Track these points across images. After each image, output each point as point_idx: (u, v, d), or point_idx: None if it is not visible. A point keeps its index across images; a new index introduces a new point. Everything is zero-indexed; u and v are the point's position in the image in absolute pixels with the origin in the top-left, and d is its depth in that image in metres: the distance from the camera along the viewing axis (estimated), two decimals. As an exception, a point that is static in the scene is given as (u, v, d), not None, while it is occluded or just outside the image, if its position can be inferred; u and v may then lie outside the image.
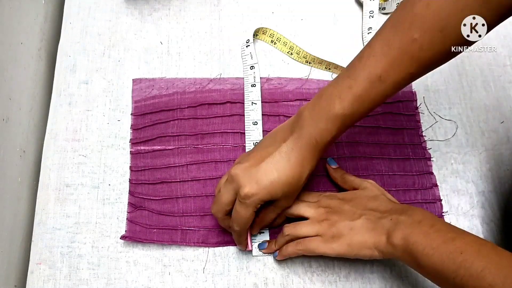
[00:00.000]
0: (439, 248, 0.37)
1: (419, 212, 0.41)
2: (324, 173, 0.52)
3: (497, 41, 0.60)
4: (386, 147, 0.54)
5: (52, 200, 0.51)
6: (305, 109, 0.43)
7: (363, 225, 0.43)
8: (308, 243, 0.44)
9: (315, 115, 0.42)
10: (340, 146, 0.54)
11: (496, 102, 0.58)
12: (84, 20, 0.59)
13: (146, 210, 0.50)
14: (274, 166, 0.42)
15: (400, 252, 0.40)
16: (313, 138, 0.42)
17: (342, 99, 0.41)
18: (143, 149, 0.53)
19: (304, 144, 0.42)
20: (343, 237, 0.43)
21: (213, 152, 0.53)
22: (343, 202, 0.46)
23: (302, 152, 0.42)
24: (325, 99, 0.42)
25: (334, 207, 0.45)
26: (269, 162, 0.42)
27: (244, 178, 0.42)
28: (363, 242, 0.42)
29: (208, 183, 0.51)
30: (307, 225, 0.45)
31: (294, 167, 0.42)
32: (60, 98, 0.55)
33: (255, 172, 0.42)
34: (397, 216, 0.42)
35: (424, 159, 0.54)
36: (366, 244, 0.42)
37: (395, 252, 0.40)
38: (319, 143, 0.42)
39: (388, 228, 0.41)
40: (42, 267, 0.48)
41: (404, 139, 0.55)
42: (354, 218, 0.44)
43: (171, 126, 0.54)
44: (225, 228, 0.48)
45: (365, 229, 0.43)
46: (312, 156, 0.43)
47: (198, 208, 0.50)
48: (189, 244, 0.49)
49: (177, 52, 0.59)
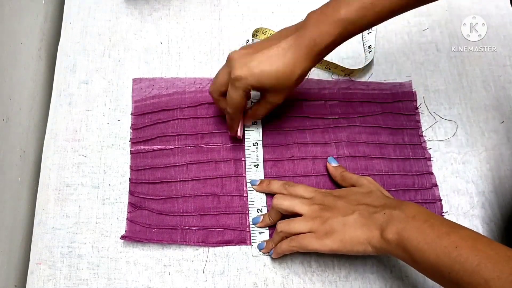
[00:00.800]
0: (433, 243, 0.37)
1: (412, 207, 0.41)
2: (325, 172, 0.52)
3: (497, 41, 0.60)
4: (386, 147, 0.54)
5: (52, 200, 0.51)
6: (312, 12, 0.45)
7: (356, 221, 0.43)
8: (301, 239, 0.44)
9: (320, 18, 0.44)
10: (340, 146, 0.54)
11: (496, 102, 0.58)
12: (84, 20, 0.59)
13: (146, 210, 0.50)
14: (268, 58, 0.44)
15: (394, 247, 0.40)
16: (313, 39, 0.43)
17: (349, 5, 0.42)
18: (143, 148, 0.53)
19: (302, 44, 0.44)
20: (336, 233, 0.43)
21: (213, 152, 0.53)
22: (337, 199, 0.46)
23: (298, 51, 0.44)
24: (333, 4, 0.44)
25: (328, 204, 0.45)
26: (265, 53, 0.45)
27: (239, 62, 0.45)
28: (355, 238, 0.42)
29: (208, 183, 0.51)
30: (300, 222, 0.45)
31: (287, 63, 0.44)
32: (60, 98, 0.55)
33: (250, 59, 0.45)
34: (390, 210, 0.41)
35: (424, 159, 0.54)
36: (359, 239, 0.42)
37: (388, 248, 0.40)
38: (317, 45, 0.43)
39: (381, 223, 0.41)
40: (42, 267, 0.48)
41: (404, 139, 0.55)
42: (347, 213, 0.43)
43: (171, 125, 0.54)
44: (221, 111, 0.51)
45: (358, 225, 0.42)
46: (307, 57, 0.44)
47: (198, 208, 0.50)
48: (189, 243, 0.49)
49: (177, 52, 0.59)
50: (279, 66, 0.44)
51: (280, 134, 0.54)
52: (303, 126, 0.54)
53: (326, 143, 0.54)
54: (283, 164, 0.53)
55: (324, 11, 0.44)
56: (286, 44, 0.44)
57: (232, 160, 0.52)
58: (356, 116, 0.55)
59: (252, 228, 0.50)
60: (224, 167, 0.52)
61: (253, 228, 0.50)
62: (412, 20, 0.61)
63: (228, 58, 0.46)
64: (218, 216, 0.50)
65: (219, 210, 0.51)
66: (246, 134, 0.53)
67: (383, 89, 0.57)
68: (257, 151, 0.52)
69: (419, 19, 0.61)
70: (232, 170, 0.52)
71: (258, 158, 0.52)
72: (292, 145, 0.53)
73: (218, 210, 0.51)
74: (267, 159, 0.53)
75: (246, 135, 0.53)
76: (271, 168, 0.53)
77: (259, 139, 0.53)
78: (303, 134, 0.54)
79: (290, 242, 0.45)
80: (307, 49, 0.44)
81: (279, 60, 0.44)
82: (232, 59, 0.46)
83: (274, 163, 0.53)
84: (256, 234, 0.50)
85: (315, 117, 0.55)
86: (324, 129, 0.54)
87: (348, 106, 0.56)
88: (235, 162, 0.53)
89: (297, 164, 0.53)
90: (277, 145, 0.53)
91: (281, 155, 0.53)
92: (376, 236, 0.41)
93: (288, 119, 0.55)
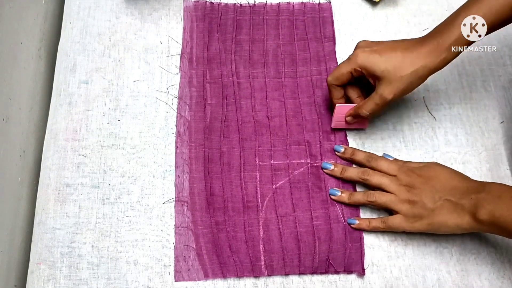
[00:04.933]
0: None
1: (496, 187, 0.45)
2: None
3: (497, 41, 0.60)
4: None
5: (52, 200, 0.51)
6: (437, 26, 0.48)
7: (444, 206, 0.46)
8: (391, 222, 0.48)
9: (445, 23, 0.47)
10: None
11: (496, 102, 0.58)
12: (84, 20, 0.59)
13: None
14: (391, 47, 0.47)
15: (487, 227, 0.44)
16: (437, 41, 0.46)
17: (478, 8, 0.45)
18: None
19: (427, 43, 0.46)
20: (424, 218, 0.47)
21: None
22: (422, 181, 0.48)
23: (422, 48, 0.46)
24: (458, 12, 0.47)
25: (414, 186, 0.48)
26: (390, 44, 0.48)
27: (362, 45, 0.49)
28: (444, 222, 0.46)
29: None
30: (392, 199, 0.48)
31: (407, 55, 0.46)
32: (60, 98, 0.55)
33: (374, 44, 0.49)
34: (476, 195, 0.45)
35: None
36: (447, 224, 0.46)
37: (481, 228, 0.45)
38: (441, 44, 0.46)
39: (470, 208, 0.44)
40: (42, 267, 0.48)
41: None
42: (435, 199, 0.46)
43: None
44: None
45: (446, 211, 0.46)
46: (429, 55, 0.46)
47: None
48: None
49: (177, 52, 0.59)
50: (398, 54, 0.47)
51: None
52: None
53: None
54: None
55: (448, 19, 0.47)
56: (413, 42, 0.48)
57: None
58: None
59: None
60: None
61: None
62: (412, 20, 0.62)
63: (356, 45, 0.50)
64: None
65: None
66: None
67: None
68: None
69: (419, 19, 0.61)
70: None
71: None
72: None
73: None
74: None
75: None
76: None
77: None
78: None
79: (381, 223, 0.49)
80: (429, 49, 0.46)
81: (400, 50, 0.47)
82: (358, 44, 0.50)
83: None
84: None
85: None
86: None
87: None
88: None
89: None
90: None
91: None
92: (466, 220, 0.45)
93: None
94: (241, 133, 0.54)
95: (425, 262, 0.50)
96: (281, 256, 0.48)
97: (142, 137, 0.54)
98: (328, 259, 0.48)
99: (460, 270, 0.49)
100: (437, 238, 0.50)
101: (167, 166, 0.53)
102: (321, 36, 0.60)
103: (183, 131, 0.54)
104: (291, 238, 0.49)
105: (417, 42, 0.47)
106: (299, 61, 0.58)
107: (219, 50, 0.58)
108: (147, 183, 0.52)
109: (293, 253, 0.49)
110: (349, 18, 0.61)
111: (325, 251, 0.49)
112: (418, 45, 0.47)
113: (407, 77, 0.46)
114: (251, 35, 0.59)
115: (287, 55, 0.58)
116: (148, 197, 0.51)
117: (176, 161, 0.53)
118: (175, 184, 0.52)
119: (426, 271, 0.49)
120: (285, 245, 0.49)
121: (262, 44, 0.59)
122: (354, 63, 0.48)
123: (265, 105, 0.55)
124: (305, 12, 0.60)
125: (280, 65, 0.58)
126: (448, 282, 0.49)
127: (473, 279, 0.49)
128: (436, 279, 0.49)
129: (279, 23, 0.60)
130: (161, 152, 0.53)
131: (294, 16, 0.60)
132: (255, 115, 0.55)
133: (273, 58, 0.58)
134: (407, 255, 0.50)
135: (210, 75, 0.57)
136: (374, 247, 0.50)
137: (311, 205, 0.51)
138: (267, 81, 0.57)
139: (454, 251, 0.50)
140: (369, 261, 0.49)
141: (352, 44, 0.59)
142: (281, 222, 0.50)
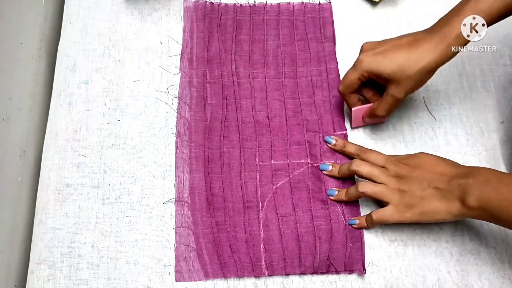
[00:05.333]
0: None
1: (483, 172, 0.44)
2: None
3: (497, 41, 0.60)
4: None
5: (52, 200, 0.51)
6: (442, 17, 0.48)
7: (433, 194, 0.45)
8: (381, 214, 0.48)
9: (450, 16, 0.47)
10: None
11: (496, 102, 0.58)
12: (84, 20, 0.59)
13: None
14: (395, 46, 0.47)
15: (477, 212, 0.43)
16: (443, 33, 0.45)
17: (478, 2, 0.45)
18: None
19: (432, 37, 0.46)
20: (415, 207, 0.46)
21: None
22: (410, 170, 0.47)
23: (427, 43, 0.46)
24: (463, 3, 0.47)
25: (402, 175, 0.48)
26: (393, 42, 0.48)
27: (367, 48, 0.49)
28: (434, 209, 0.45)
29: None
30: (380, 187, 0.48)
31: (413, 52, 0.46)
32: (60, 98, 0.55)
33: (378, 45, 0.48)
34: (464, 180, 0.44)
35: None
36: (438, 210, 0.45)
37: (471, 213, 0.44)
38: (447, 37, 0.45)
39: (459, 194, 0.44)
40: (42, 267, 0.48)
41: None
42: (423, 187, 0.46)
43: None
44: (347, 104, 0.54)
45: (436, 198, 0.45)
46: (435, 50, 0.45)
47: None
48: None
49: (177, 52, 0.59)
50: (403, 53, 0.46)
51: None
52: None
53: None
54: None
55: (452, 11, 0.47)
56: (418, 36, 0.47)
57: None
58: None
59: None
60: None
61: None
62: (412, 20, 0.62)
63: (361, 48, 0.50)
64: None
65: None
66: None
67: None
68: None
69: (419, 19, 0.61)
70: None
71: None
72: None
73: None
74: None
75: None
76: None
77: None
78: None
79: (371, 217, 0.48)
80: (435, 42, 0.46)
81: (405, 48, 0.46)
82: (362, 47, 0.50)
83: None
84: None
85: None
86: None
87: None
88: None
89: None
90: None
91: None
92: (456, 206, 0.44)
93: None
94: (241, 133, 0.54)
95: (425, 262, 0.50)
96: (282, 256, 0.48)
97: (142, 137, 0.54)
98: (329, 259, 0.48)
99: (460, 270, 0.49)
100: (437, 238, 0.50)
101: (167, 166, 0.53)
102: (321, 36, 0.60)
103: (183, 131, 0.54)
104: (292, 238, 0.49)
105: (422, 36, 0.47)
106: (299, 61, 0.58)
107: (219, 50, 0.58)
108: (147, 183, 0.52)
109: (294, 253, 0.49)
110: (349, 18, 0.61)
111: (325, 251, 0.49)
112: (423, 40, 0.46)
113: (415, 75, 0.46)
114: (251, 35, 0.59)
115: (287, 55, 0.58)
116: (148, 197, 0.51)
117: (176, 161, 0.53)
118: (175, 184, 0.52)
119: (426, 271, 0.49)
120: (285, 245, 0.49)
121: (262, 44, 0.59)
122: (360, 69, 0.48)
123: (265, 105, 0.55)
124: (305, 12, 0.60)
125: (280, 65, 0.58)
126: (448, 282, 0.49)
127: (473, 279, 0.49)
128: (436, 279, 0.49)
129: (279, 23, 0.60)
130: (161, 152, 0.53)
131: (294, 16, 0.60)
132: (255, 115, 0.55)
133: (273, 58, 0.58)
134: (407, 255, 0.50)
135: (210, 75, 0.57)
136: (374, 247, 0.50)
137: (312, 205, 0.51)
138: (267, 81, 0.57)
139: (454, 251, 0.50)
140: (369, 261, 0.49)
141: (352, 44, 0.59)
142: (282, 222, 0.50)
